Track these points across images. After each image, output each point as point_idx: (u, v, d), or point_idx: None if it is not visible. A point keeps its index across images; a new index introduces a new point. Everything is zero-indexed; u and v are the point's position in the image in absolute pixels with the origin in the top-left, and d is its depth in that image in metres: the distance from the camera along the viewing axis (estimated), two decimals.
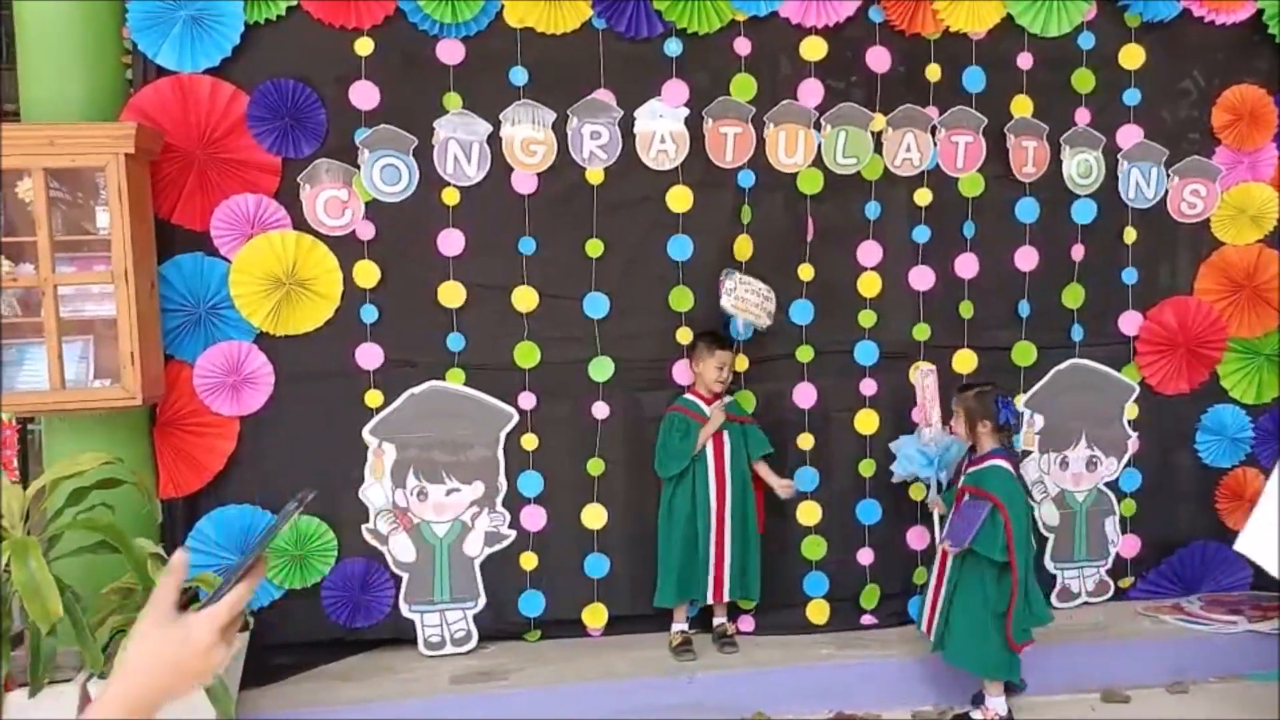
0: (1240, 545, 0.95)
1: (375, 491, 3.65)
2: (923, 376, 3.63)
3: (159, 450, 3.49)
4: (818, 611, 3.88)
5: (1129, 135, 4.01)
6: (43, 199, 3.13)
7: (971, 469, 3.34)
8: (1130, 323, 4.08)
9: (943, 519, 3.54)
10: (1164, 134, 4.05)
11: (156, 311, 3.41)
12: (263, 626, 3.47)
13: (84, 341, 3.35)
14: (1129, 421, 4.10)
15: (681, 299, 3.74)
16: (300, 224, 3.55)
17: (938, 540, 3.53)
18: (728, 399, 3.71)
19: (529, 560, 3.74)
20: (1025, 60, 3.90)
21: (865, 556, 3.91)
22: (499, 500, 3.72)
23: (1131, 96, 3.99)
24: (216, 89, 3.44)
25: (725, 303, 3.57)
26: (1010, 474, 3.27)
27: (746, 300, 3.57)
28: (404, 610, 3.67)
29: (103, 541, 2.92)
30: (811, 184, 3.80)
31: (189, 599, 1.02)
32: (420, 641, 3.67)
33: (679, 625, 3.71)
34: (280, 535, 3.48)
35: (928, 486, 3.61)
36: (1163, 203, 4.06)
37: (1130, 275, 4.07)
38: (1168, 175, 4.05)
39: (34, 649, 2.78)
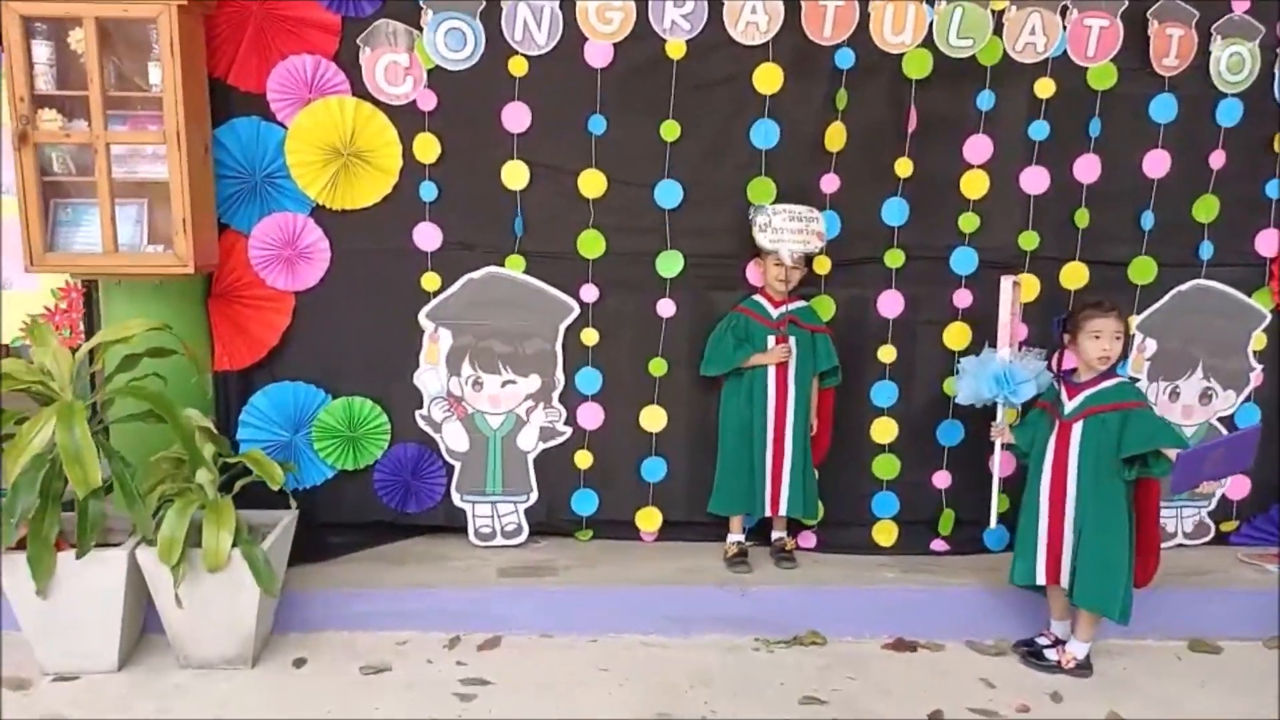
0: None
1: (430, 377, 3.53)
2: (1010, 288, 3.24)
3: (214, 322, 3.42)
4: (885, 533, 3.68)
5: None
6: (94, 49, 2.99)
7: (1091, 390, 3.00)
8: (1269, 243, 3.62)
9: (1007, 447, 3.24)
10: None
11: (210, 177, 3.28)
12: (314, 505, 3.46)
13: (138, 205, 3.25)
14: (1255, 353, 3.69)
15: (762, 191, 3.43)
16: (359, 90, 3.34)
17: (995, 472, 3.26)
18: (800, 304, 3.43)
19: (584, 459, 3.61)
20: None
21: (941, 479, 3.66)
22: (555, 395, 3.57)
23: None
24: None
25: (762, 240, 3.30)
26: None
27: (783, 231, 3.28)
28: (455, 499, 3.61)
29: (151, 410, 2.87)
30: (919, 67, 3.39)
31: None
32: (471, 531, 3.61)
33: (735, 536, 3.55)
34: (334, 415, 3.45)
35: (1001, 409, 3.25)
36: None
37: (1274, 189, 3.58)
38: None
39: (82, 512, 2.77)
